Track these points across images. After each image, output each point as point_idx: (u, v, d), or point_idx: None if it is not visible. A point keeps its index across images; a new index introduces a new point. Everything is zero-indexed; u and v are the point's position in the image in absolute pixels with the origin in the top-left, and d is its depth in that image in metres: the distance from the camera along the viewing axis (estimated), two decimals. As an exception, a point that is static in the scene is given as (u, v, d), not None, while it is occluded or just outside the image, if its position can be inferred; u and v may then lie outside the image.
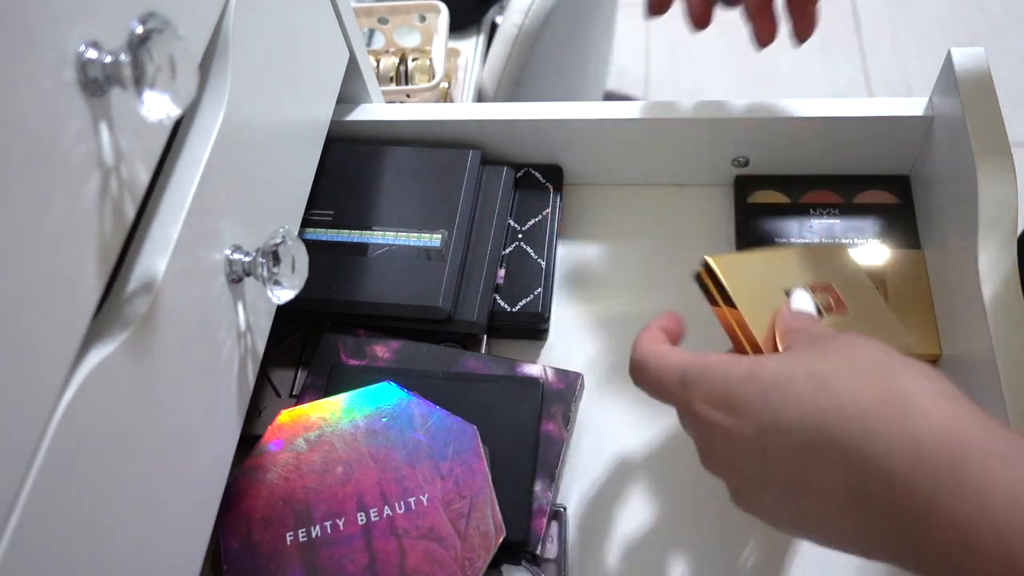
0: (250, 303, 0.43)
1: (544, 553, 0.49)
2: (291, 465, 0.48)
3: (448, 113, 0.61)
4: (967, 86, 0.51)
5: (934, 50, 0.45)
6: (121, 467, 0.32)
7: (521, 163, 0.63)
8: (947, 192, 0.53)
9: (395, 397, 0.50)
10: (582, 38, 1.05)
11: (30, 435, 0.27)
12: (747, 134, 0.58)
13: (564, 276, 0.61)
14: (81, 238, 0.29)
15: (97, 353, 0.31)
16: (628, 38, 1.79)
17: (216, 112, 0.39)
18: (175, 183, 0.37)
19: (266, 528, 0.46)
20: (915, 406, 0.31)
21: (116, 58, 0.28)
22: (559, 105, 0.59)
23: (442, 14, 0.88)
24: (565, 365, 0.54)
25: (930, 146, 0.56)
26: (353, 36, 0.58)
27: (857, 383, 0.33)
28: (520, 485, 0.48)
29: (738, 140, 0.59)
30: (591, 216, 0.63)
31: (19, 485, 0.27)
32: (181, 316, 0.36)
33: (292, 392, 0.55)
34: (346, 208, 0.59)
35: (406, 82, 0.89)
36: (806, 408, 0.33)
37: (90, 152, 0.29)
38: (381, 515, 0.46)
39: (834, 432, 0.32)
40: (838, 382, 0.33)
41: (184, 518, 0.38)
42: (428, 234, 0.57)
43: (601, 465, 0.53)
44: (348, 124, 0.62)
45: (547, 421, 0.51)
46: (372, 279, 0.55)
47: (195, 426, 0.38)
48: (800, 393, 0.33)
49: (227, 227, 0.40)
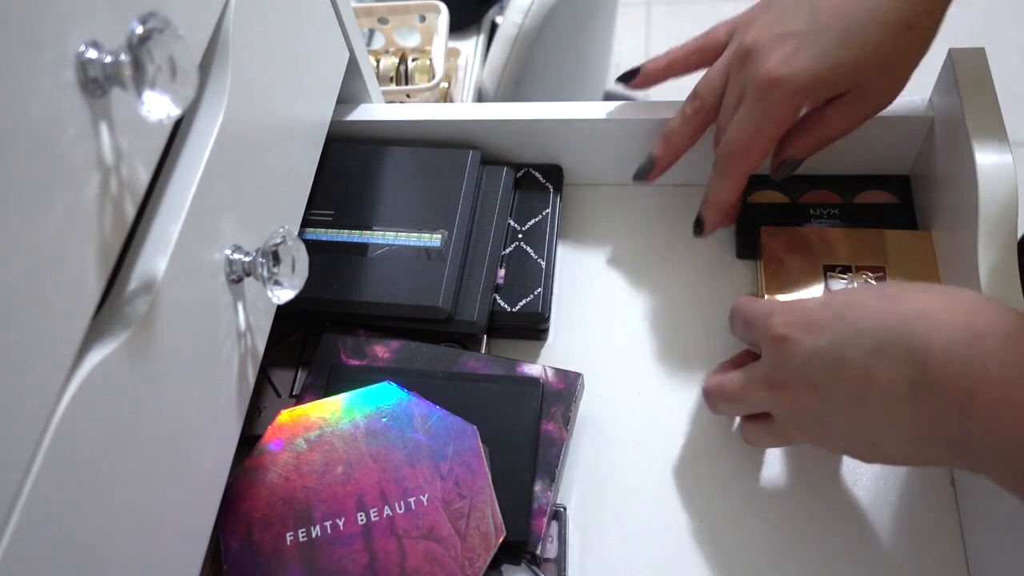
0: (250, 303, 0.43)
1: (544, 553, 0.49)
2: (291, 465, 0.48)
3: (448, 113, 0.61)
4: (967, 86, 0.51)
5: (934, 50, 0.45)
6: (121, 467, 0.32)
7: (521, 163, 0.63)
8: (947, 192, 0.53)
9: (395, 397, 0.50)
10: (582, 38, 1.05)
11: (30, 435, 0.27)
12: (747, 134, 0.58)
13: (564, 276, 0.61)
14: (81, 238, 0.29)
15: (97, 353, 0.31)
16: (628, 38, 1.79)
17: (216, 112, 0.39)
18: (175, 183, 0.37)
19: (266, 528, 0.46)
20: (973, 306, 0.37)
21: (116, 58, 0.28)
22: (559, 105, 0.59)
23: (442, 14, 0.89)
24: (565, 365, 0.54)
25: (930, 146, 0.56)
26: (353, 36, 0.58)
27: (923, 296, 0.38)
28: (520, 485, 0.48)
29: (738, 140, 0.59)
30: (591, 216, 0.63)
31: (19, 485, 0.27)
32: (181, 316, 0.36)
33: (292, 392, 0.55)
34: (346, 208, 0.59)
35: (406, 82, 0.89)
36: (877, 318, 0.38)
37: (90, 152, 0.29)
38: (381, 515, 0.46)
39: (900, 332, 0.37)
40: (906, 296, 0.38)
41: (184, 518, 0.38)
42: (428, 234, 0.57)
43: (601, 465, 0.53)
44: (348, 124, 0.62)
45: (547, 421, 0.51)
46: (372, 279, 0.55)
47: (195, 426, 0.38)
48: (871, 308, 0.39)
49: (227, 227, 0.40)
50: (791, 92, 0.47)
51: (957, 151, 0.51)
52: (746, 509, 0.50)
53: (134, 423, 0.33)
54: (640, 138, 0.59)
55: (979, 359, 0.35)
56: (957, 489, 0.49)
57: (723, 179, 0.53)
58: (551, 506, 0.49)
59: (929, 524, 0.49)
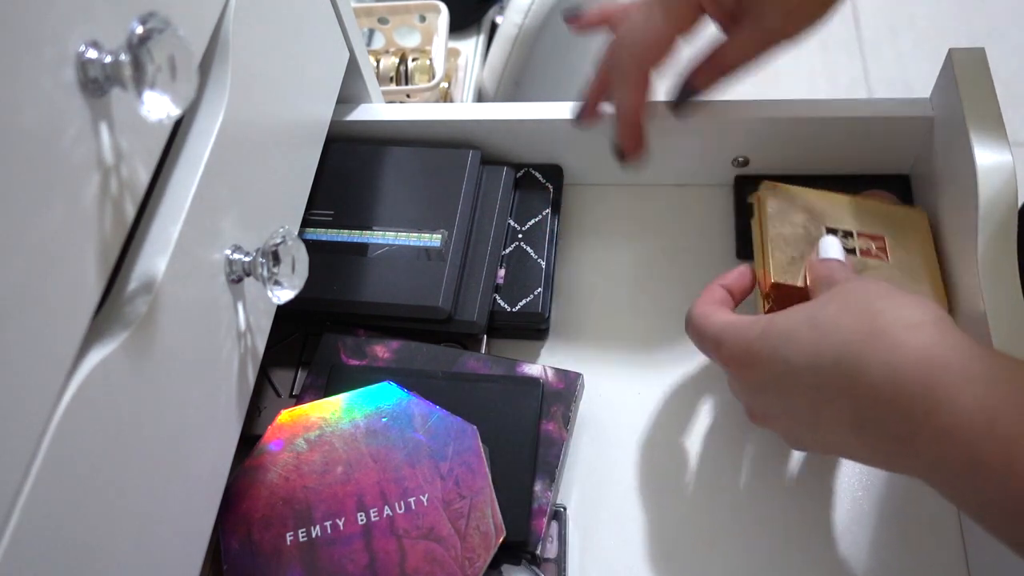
0: (250, 303, 0.43)
1: (544, 553, 0.49)
2: (291, 465, 0.48)
3: (448, 113, 0.61)
4: (967, 86, 0.51)
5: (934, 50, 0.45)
6: (121, 467, 0.32)
7: (521, 163, 0.63)
8: (947, 192, 0.53)
9: (395, 397, 0.50)
10: (582, 38, 1.05)
11: (30, 435, 0.27)
12: (747, 134, 0.58)
13: (564, 276, 0.61)
14: (81, 238, 0.29)
15: (97, 353, 0.31)
16: (628, 38, 1.79)
17: (216, 112, 0.39)
18: (175, 183, 0.37)
19: (266, 528, 0.46)
20: (893, 339, 0.36)
21: (116, 58, 0.28)
22: (559, 105, 0.59)
23: (442, 14, 0.88)
24: (565, 365, 0.54)
25: (930, 146, 0.56)
26: (353, 36, 0.58)
27: (847, 324, 0.37)
28: (520, 485, 0.48)
29: (738, 140, 0.59)
30: (591, 216, 0.63)
31: (19, 485, 0.27)
32: (181, 316, 0.36)
33: (292, 392, 0.55)
34: (346, 208, 0.59)
35: (406, 82, 0.89)
36: (809, 354, 0.38)
37: (90, 152, 0.29)
38: (381, 515, 0.46)
39: (833, 371, 0.37)
40: (833, 327, 0.38)
41: (184, 518, 0.38)
42: (428, 234, 0.57)
43: (601, 465, 0.53)
44: (348, 124, 0.62)
45: (547, 421, 0.51)
46: (372, 279, 0.55)
47: (195, 426, 0.38)
48: (803, 342, 0.39)
49: (227, 227, 0.40)
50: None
51: (957, 151, 0.51)
52: (746, 509, 0.50)
53: (134, 423, 0.33)
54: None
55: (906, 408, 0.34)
56: (957, 489, 0.49)
57: (623, 86, 0.52)
58: (551, 506, 0.49)
59: (929, 524, 0.49)
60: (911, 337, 0.35)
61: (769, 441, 0.52)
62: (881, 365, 0.35)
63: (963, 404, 0.33)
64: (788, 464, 0.52)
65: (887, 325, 0.36)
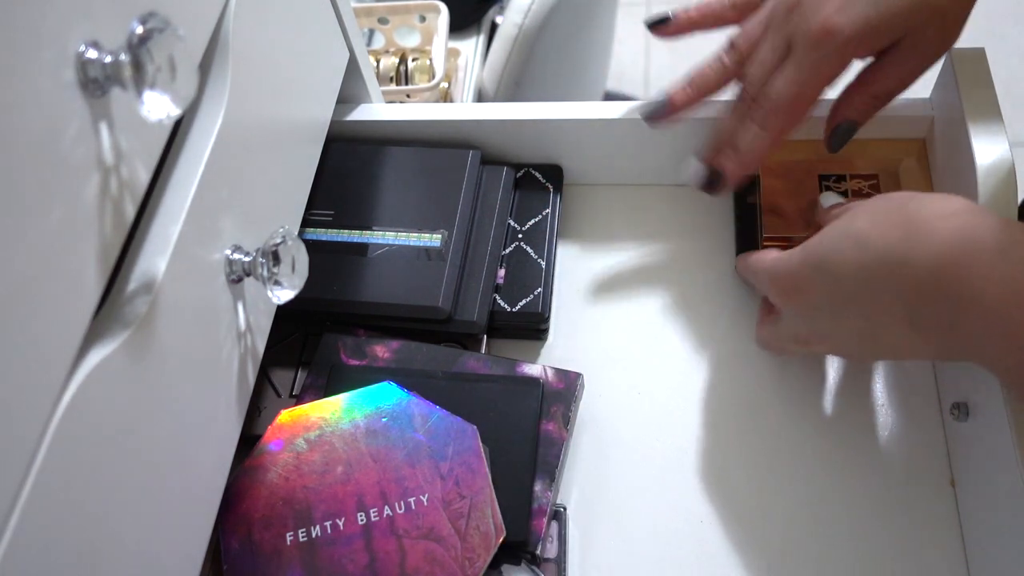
0: (250, 303, 0.43)
1: (544, 553, 0.49)
2: (291, 465, 0.48)
3: (448, 113, 0.61)
4: (967, 86, 0.51)
5: (934, 50, 0.45)
6: (121, 467, 0.32)
7: (521, 163, 0.63)
8: (947, 191, 0.53)
9: (395, 397, 0.50)
10: (582, 38, 1.05)
11: (30, 435, 0.27)
12: (747, 134, 0.58)
13: (564, 276, 0.61)
14: (81, 238, 0.29)
15: (97, 353, 0.31)
16: (628, 38, 1.79)
17: (216, 112, 0.39)
18: (175, 183, 0.37)
19: (266, 528, 0.46)
20: (930, 230, 0.38)
21: (116, 58, 0.28)
22: (559, 105, 0.59)
23: (442, 14, 0.89)
24: (565, 365, 0.54)
25: (930, 146, 0.56)
26: (353, 36, 0.58)
27: (883, 228, 0.40)
28: (520, 485, 0.48)
29: (738, 140, 0.59)
30: (591, 216, 0.63)
31: (19, 485, 0.27)
32: (181, 316, 0.36)
33: (292, 392, 0.55)
34: (346, 208, 0.59)
35: (406, 82, 0.89)
36: (853, 264, 0.40)
37: (90, 152, 0.29)
38: (381, 515, 0.46)
39: (879, 273, 0.39)
40: (869, 232, 0.40)
41: (184, 518, 0.38)
42: (428, 234, 0.57)
43: (601, 465, 0.53)
44: (348, 124, 0.62)
45: (547, 421, 0.51)
46: (372, 279, 0.55)
47: (195, 426, 0.38)
48: (844, 253, 0.41)
49: (227, 227, 0.40)
50: (844, 42, 0.46)
51: (957, 151, 0.51)
52: (746, 508, 0.50)
53: (134, 423, 0.33)
54: (640, 138, 0.59)
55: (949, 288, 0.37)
56: (957, 489, 0.49)
57: (764, 130, 0.50)
58: (551, 506, 0.49)
59: (929, 524, 0.49)
60: (946, 225, 0.37)
61: (769, 441, 0.52)
62: (923, 257, 0.37)
63: (997, 278, 0.35)
64: (788, 464, 0.52)
65: (922, 221, 0.38)
